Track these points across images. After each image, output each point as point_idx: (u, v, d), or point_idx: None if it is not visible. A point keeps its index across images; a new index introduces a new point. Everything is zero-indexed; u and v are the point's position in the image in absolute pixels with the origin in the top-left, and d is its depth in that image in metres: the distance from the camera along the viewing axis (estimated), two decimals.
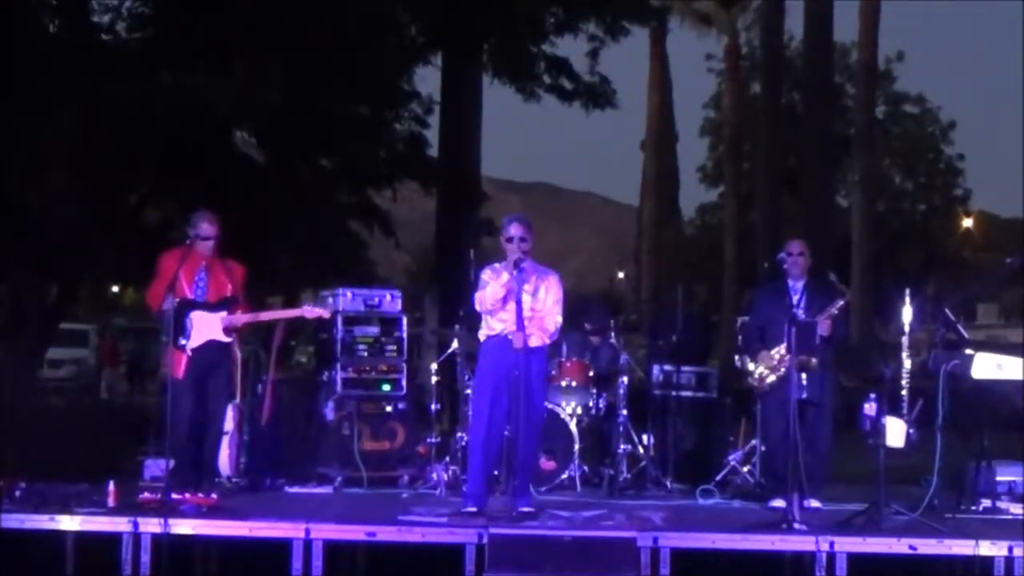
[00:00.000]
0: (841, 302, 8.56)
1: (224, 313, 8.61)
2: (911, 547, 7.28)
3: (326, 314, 9.03)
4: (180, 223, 11.48)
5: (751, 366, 8.87)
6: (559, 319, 8.14)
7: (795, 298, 8.69)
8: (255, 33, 12.31)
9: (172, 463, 8.29)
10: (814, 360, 8.36)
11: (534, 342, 7.97)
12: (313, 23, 12.49)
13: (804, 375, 8.31)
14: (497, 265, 8.19)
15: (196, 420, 8.55)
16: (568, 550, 7.28)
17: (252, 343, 9.86)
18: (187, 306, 8.50)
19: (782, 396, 8.47)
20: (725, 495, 9.14)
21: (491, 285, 8.04)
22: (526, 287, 7.98)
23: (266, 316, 9.02)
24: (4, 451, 8.71)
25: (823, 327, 8.51)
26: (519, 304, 7.92)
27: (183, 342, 8.52)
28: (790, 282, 8.83)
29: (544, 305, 8.07)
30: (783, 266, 8.79)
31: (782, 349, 8.58)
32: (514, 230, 8.04)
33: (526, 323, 7.92)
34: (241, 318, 8.70)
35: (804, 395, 8.31)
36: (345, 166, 15.97)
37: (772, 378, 8.69)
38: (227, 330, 8.61)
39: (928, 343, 8.91)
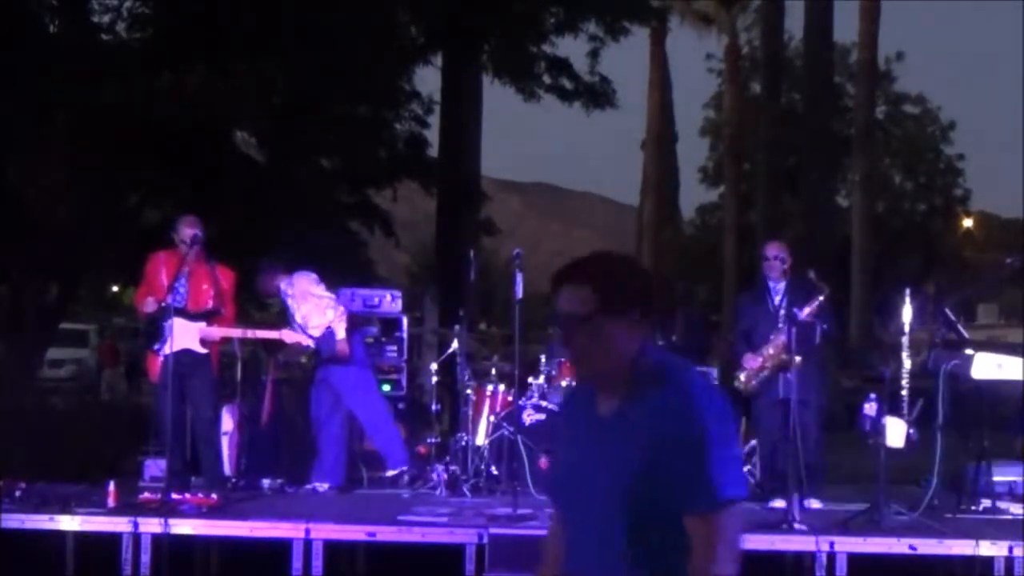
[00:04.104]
0: (820, 298, 8.56)
1: (203, 324, 8.53)
2: (911, 547, 7.28)
3: (305, 342, 9.00)
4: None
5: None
6: None
7: (776, 299, 8.70)
8: (255, 33, 12.31)
9: (166, 464, 8.33)
10: (797, 359, 8.33)
11: None
12: (313, 23, 12.48)
13: (788, 374, 8.30)
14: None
15: (178, 423, 8.51)
16: None
17: (252, 343, 9.86)
18: (168, 312, 8.37)
19: (769, 398, 8.52)
20: None
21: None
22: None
23: (242, 334, 8.88)
24: (4, 451, 8.71)
25: None
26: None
27: (156, 347, 8.47)
28: (771, 284, 8.84)
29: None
30: (765, 269, 8.85)
31: (767, 350, 8.61)
32: None
33: None
34: (218, 332, 8.61)
35: (790, 394, 8.28)
36: (345, 166, 15.97)
37: (754, 381, 8.74)
38: (203, 342, 8.56)
39: (928, 343, 8.90)
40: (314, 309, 9.09)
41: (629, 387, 2.80)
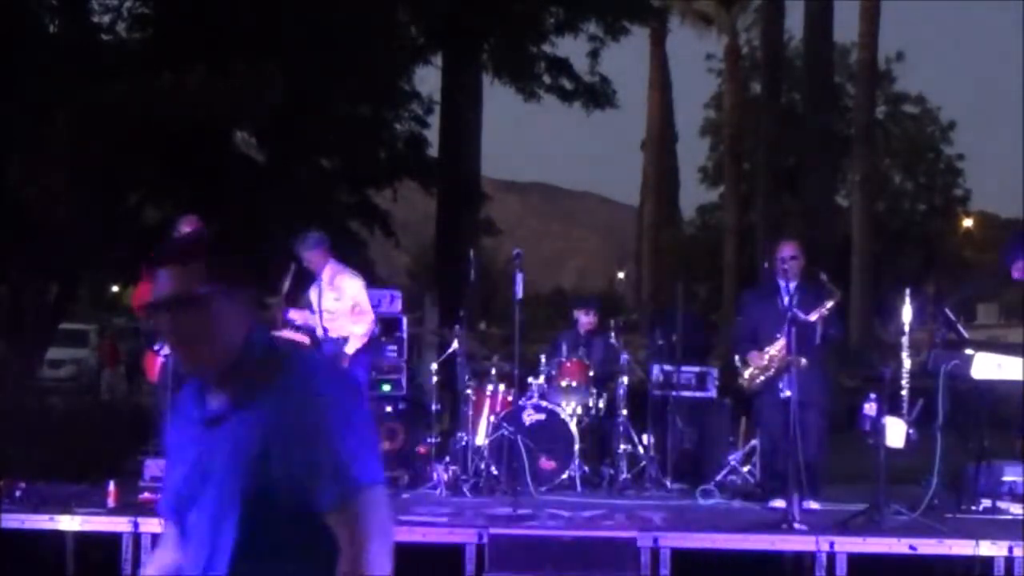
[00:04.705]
0: (831, 302, 8.54)
1: None
2: (911, 547, 7.27)
3: (307, 341, 8.99)
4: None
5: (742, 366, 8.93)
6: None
7: (787, 299, 8.69)
8: (255, 33, 12.32)
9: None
10: (803, 360, 8.33)
11: None
12: (313, 23, 12.49)
13: (791, 374, 8.30)
14: None
15: None
16: (568, 550, 7.28)
17: None
18: None
19: (772, 397, 8.50)
20: (725, 495, 9.12)
21: None
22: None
23: None
24: (4, 451, 8.70)
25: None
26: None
27: (156, 347, 8.50)
28: (781, 283, 8.82)
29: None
30: (778, 269, 8.84)
31: (772, 350, 8.60)
32: None
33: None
34: None
35: (795, 394, 8.28)
36: (345, 166, 15.99)
37: (761, 378, 8.73)
38: None
39: (928, 343, 8.89)
40: (345, 316, 9.02)
41: (241, 376, 2.49)
